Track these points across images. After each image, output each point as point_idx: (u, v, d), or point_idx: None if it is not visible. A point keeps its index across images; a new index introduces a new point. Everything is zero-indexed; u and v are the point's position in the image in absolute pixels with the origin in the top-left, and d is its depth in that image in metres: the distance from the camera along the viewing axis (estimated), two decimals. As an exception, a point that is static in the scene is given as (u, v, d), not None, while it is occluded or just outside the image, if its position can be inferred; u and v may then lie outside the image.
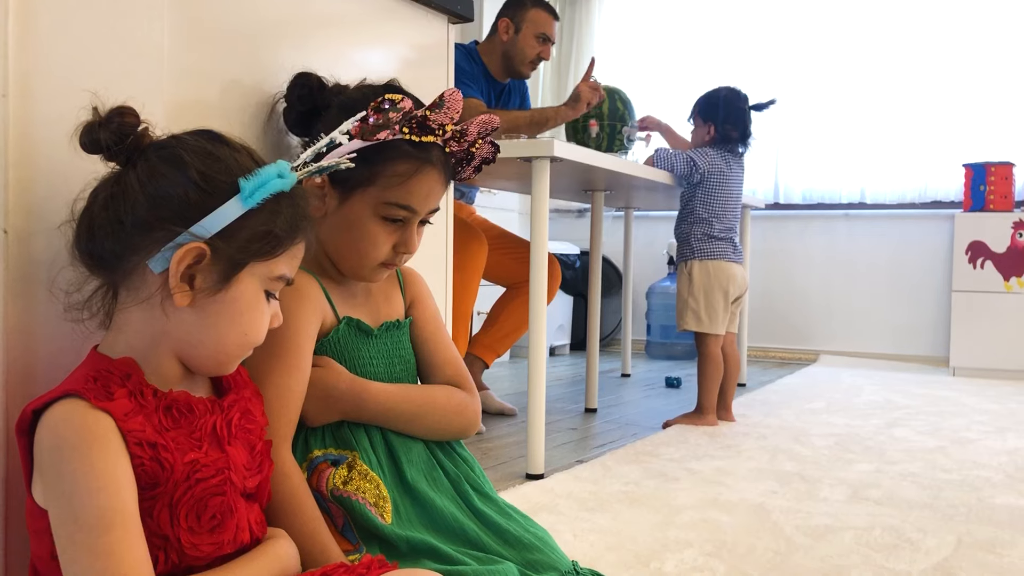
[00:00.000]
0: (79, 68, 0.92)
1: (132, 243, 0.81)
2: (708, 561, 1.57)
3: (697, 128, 3.05)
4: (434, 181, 1.08)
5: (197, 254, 0.80)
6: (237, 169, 0.83)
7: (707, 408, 2.91)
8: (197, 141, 0.84)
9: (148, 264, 0.81)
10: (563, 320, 5.01)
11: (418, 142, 1.04)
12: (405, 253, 1.09)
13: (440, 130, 1.05)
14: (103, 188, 0.83)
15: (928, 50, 4.63)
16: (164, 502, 0.79)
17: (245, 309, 0.84)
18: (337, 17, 1.30)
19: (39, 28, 0.88)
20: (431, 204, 1.09)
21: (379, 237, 1.07)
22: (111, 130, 0.81)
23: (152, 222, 0.80)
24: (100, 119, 0.82)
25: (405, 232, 1.08)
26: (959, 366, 4.25)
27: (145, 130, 0.83)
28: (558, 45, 5.56)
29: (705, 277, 2.92)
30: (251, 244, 0.83)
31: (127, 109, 0.83)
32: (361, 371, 1.09)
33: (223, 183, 0.82)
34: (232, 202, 0.81)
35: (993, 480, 2.21)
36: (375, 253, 1.07)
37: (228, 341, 0.85)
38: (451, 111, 1.04)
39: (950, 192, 4.60)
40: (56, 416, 0.76)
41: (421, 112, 1.02)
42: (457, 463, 1.14)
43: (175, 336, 0.83)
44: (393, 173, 1.04)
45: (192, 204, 0.81)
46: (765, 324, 4.94)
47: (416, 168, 1.05)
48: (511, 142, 2.21)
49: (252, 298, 0.85)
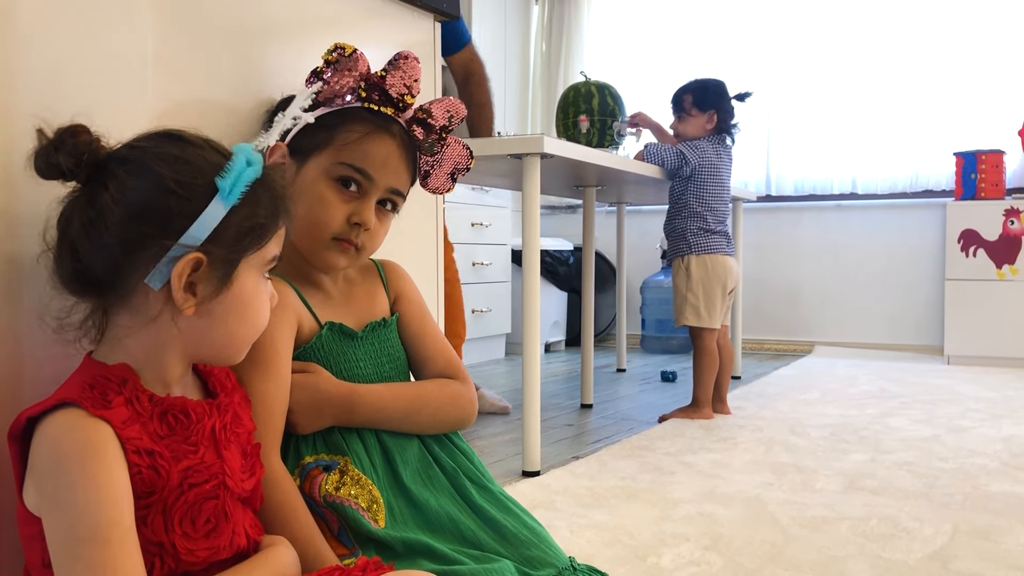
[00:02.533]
0: (60, 78, 0.91)
1: (124, 265, 0.79)
2: (705, 554, 1.57)
3: (694, 118, 3.01)
4: (391, 150, 1.06)
5: (195, 264, 0.79)
6: (209, 168, 0.81)
7: (703, 401, 2.91)
8: (159, 147, 0.82)
9: (147, 282, 0.79)
10: (558, 316, 5.01)
11: (377, 111, 1.05)
12: (359, 225, 1.05)
13: (400, 102, 1.05)
14: (75, 213, 0.80)
15: (917, 39, 4.63)
16: (158, 509, 0.79)
17: (250, 301, 0.85)
18: (323, 17, 1.30)
19: (17, 37, 0.88)
20: (388, 176, 1.06)
21: (331, 202, 1.04)
22: (67, 152, 0.78)
23: (139, 240, 0.79)
24: (52, 142, 0.79)
25: (360, 202, 1.05)
26: (953, 354, 4.26)
27: (99, 142, 0.81)
28: (548, 41, 5.56)
29: (703, 271, 2.91)
30: (242, 240, 0.82)
31: (79, 128, 0.80)
32: (348, 375, 1.08)
33: (200, 186, 0.80)
34: (214, 204, 0.80)
35: (988, 468, 2.21)
36: (327, 220, 1.04)
37: (239, 335, 0.86)
38: (406, 74, 1.04)
39: (941, 181, 4.61)
40: (55, 426, 0.76)
41: (376, 74, 1.03)
42: (455, 455, 1.13)
43: (184, 342, 0.83)
44: (348, 132, 1.03)
45: (175, 214, 0.79)
46: (759, 316, 4.95)
47: (370, 130, 1.04)
48: (501, 139, 2.21)
49: (253, 289, 0.85)
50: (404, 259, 1.25)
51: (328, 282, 1.13)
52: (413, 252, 1.45)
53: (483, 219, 4.38)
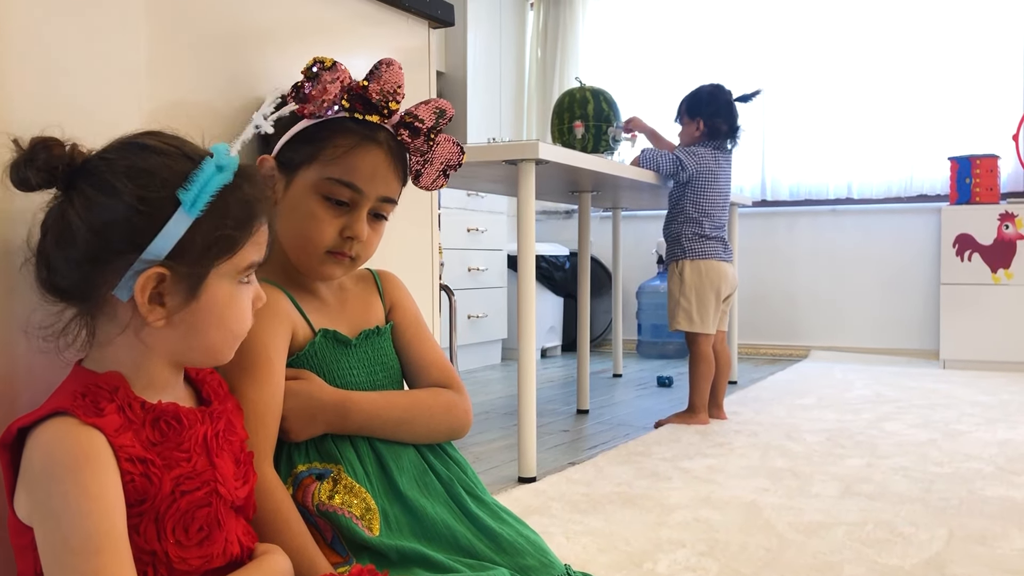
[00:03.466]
0: (54, 82, 0.91)
1: (93, 278, 0.79)
2: (701, 560, 1.57)
3: (685, 127, 3.06)
4: (379, 160, 1.05)
5: (158, 278, 0.79)
6: (174, 179, 0.79)
7: (699, 407, 2.91)
8: (124, 157, 0.80)
9: (114, 294, 0.79)
10: (554, 321, 5.01)
11: (362, 120, 1.03)
12: (352, 239, 1.05)
13: (385, 108, 1.04)
14: (49, 225, 0.81)
15: (911, 45, 4.65)
16: (151, 517, 0.79)
17: (223, 309, 0.84)
18: (319, 23, 1.30)
19: (12, 41, 0.88)
20: (378, 187, 1.05)
21: (322, 218, 1.03)
22: (37, 167, 0.78)
23: (105, 256, 0.79)
24: (25, 155, 0.78)
25: (351, 216, 1.05)
26: (949, 359, 4.26)
27: (75, 150, 0.80)
28: (543, 46, 5.57)
29: (697, 277, 2.92)
30: (208, 251, 0.81)
31: (51, 141, 0.79)
32: (341, 382, 1.07)
33: (162, 199, 0.79)
34: (177, 217, 0.79)
35: (984, 472, 2.21)
36: (319, 237, 1.04)
37: (217, 341, 0.85)
38: (387, 81, 1.03)
39: (936, 185, 4.62)
40: (47, 435, 0.76)
41: (359, 84, 1.01)
42: (449, 466, 1.13)
43: (164, 349, 0.83)
44: (334, 147, 1.02)
45: (138, 229, 0.78)
46: (755, 321, 4.95)
47: (357, 142, 1.03)
48: (497, 145, 2.21)
49: (226, 297, 0.84)
50: (399, 269, 1.25)
51: (323, 289, 1.12)
52: (408, 261, 1.45)
53: (479, 224, 4.38)
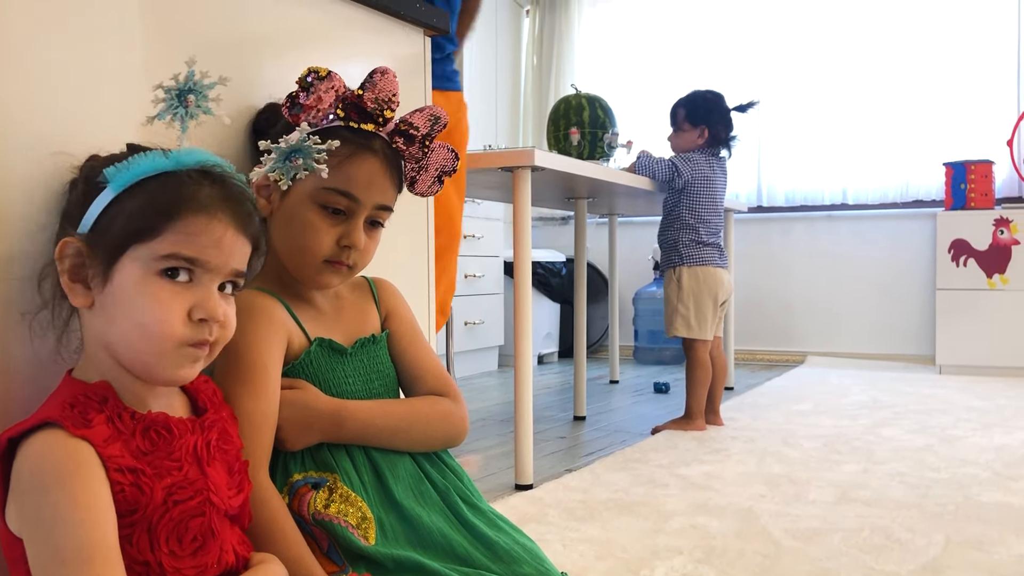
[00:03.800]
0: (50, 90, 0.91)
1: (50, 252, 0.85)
2: (698, 568, 1.57)
3: (686, 133, 3.04)
4: (375, 169, 1.05)
5: (75, 250, 0.81)
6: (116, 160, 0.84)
7: (696, 413, 2.91)
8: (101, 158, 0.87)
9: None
10: (551, 328, 5.01)
11: (357, 128, 1.04)
12: (349, 248, 1.05)
13: (380, 117, 1.04)
14: None
15: (906, 51, 4.66)
16: (143, 527, 0.78)
17: (132, 298, 0.79)
18: (315, 30, 1.30)
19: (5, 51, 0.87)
20: (374, 195, 1.05)
21: (319, 227, 1.03)
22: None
23: (60, 234, 0.84)
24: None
25: (348, 224, 1.05)
26: (945, 364, 4.27)
27: None
28: (539, 53, 5.58)
29: (695, 283, 2.92)
30: (126, 228, 0.80)
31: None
32: (337, 391, 1.07)
33: (100, 181, 0.83)
34: (104, 192, 0.82)
35: (981, 477, 2.21)
36: (316, 247, 1.04)
37: (131, 337, 0.80)
38: (381, 90, 1.03)
39: (931, 191, 4.63)
40: (36, 447, 0.75)
41: (353, 93, 1.02)
42: (445, 474, 1.12)
43: (99, 343, 0.82)
44: (330, 156, 1.01)
45: (77, 204, 0.84)
46: (752, 327, 4.95)
47: (352, 151, 1.03)
48: (493, 152, 2.21)
49: (135, 285, 0.79)
50: (395, 276, 1.24)
51: (319, 297, 1.12)
52: (404, 270, 1.45)
53: (475, 231, 4.38)
